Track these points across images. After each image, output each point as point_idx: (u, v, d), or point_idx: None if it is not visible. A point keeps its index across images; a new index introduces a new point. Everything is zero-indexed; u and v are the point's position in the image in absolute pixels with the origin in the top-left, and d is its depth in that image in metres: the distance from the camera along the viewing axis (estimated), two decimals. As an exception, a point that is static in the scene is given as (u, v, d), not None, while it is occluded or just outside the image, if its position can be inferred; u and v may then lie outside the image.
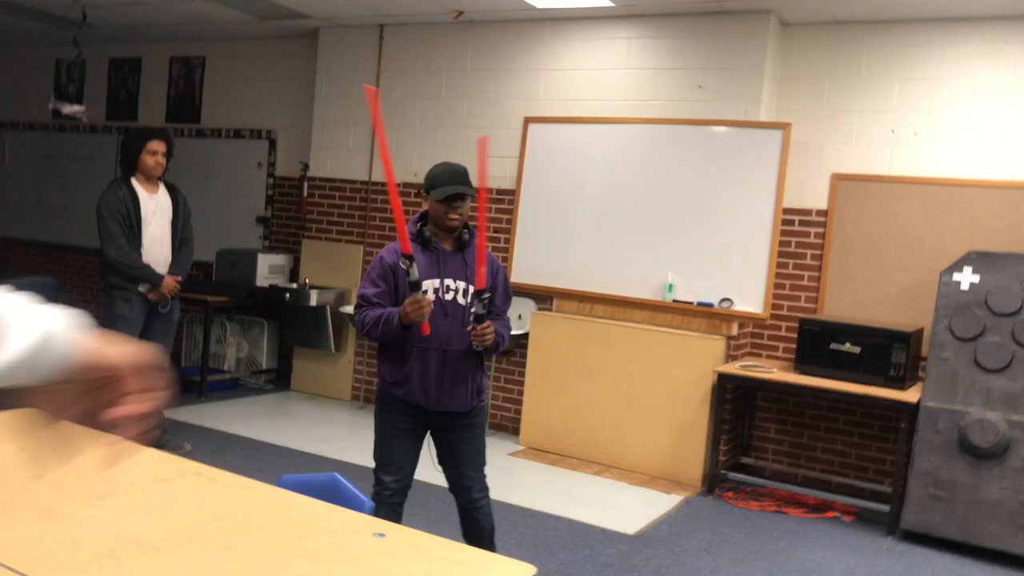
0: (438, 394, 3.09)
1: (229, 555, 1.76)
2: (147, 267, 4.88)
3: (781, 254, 5.45)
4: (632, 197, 5.71)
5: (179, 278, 5.03)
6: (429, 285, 3.01)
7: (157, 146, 4.89)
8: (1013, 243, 4.83)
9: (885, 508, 4.77)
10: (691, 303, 5.47)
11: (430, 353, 3.05)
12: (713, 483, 5.17)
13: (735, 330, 5.36)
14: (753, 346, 5.64)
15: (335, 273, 6.82)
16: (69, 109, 6.34)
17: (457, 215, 3.02)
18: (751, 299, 5.36)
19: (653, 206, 5.64)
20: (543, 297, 6.03)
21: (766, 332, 5.59)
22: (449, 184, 3.00)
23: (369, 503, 2.21)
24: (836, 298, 5.38)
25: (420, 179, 6.39)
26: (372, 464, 3.26)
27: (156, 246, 4.95)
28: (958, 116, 5.07)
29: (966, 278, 4.66)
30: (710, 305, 5.41)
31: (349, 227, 6.86)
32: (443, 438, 3.22)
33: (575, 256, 5.88)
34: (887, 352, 4.78)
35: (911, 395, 4.69)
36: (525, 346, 5.94)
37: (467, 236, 3.11)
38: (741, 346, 5.51)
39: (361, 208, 6.81)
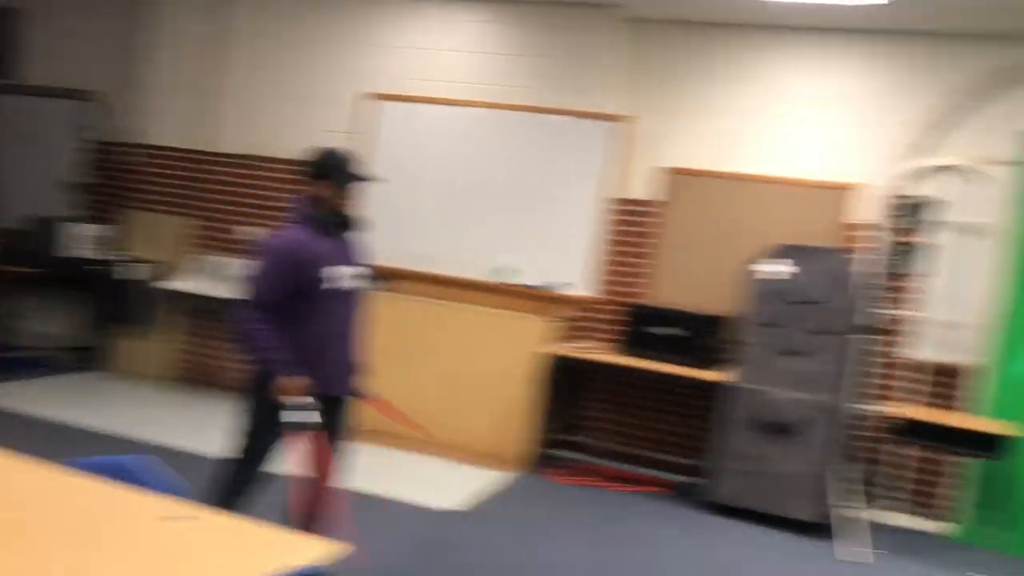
0: (340, 379, 3.11)
1: (3, 542, 1.65)
2: None
3: (615, 241, 5.65)
4: (473, 180, 5.75)
5: None
6: (335, 273, 2.99)
7: None
8: (814, 237, 5.22)
9: (700, 482, 5.07)
10: (525, 285, 5.59)
11: (335, 340, 3.05)
12: (540, 461, 5.32)
13: (566, 312, 5.52)
14: (581, 328, 5.83)
15: (161, 246, 6.47)
16: None
17: (352, 202, 3.06)
18: (582, 283, 5.53)
19: (493, 189, 5.71)
20: (386, 277, 5.97)
21: (594, 314, 5.80)
22: (348, 171, 3.04)
23: (177, 486, 2.13)
24: (664, 284, 5.64)
25: (267, 152, 6.26)
26: (188, 446, 3.14)
27: None
28: (777, 117, 5.42)
29: (773, 268, 5.01)
30: (542, 287, 5.55)
31: (180, 198, 6.53)
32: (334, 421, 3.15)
33: (413, 235, 5.86)
34: (703, 336, 5.07)
35: (723, 376, 5.00)
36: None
37: (352, 221, 3.12)
38: (571, 328, 5.68)
39: (194, 179, 6.49)
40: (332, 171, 3.04)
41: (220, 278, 6.28)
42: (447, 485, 4.84)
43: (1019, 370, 4.76)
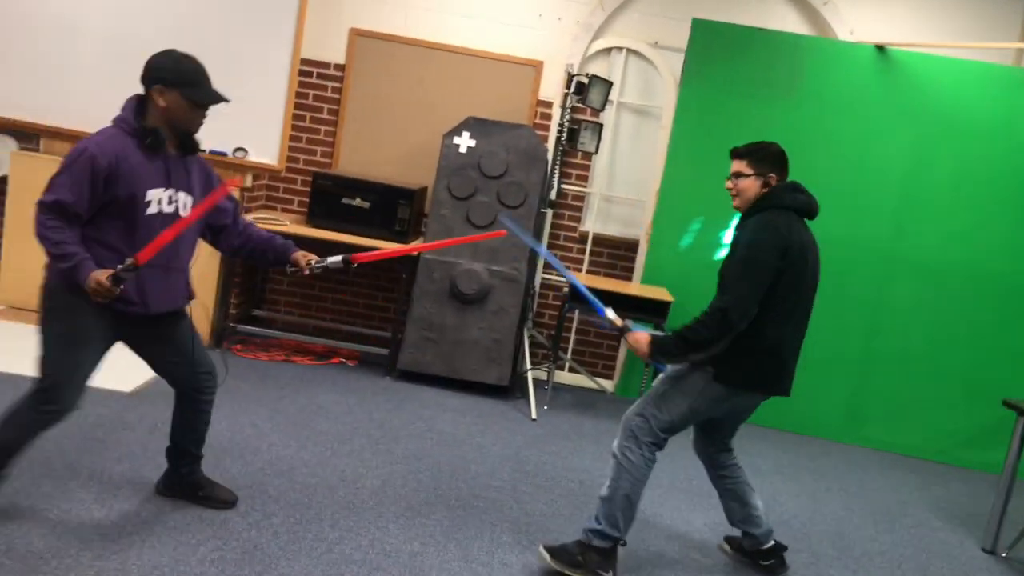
0: (157, 301, 2.78)
1: None
2: None
3: (298, 106, 5.38)
4: (143, 33, 5.09)
5: None
6: (155, 196, 2.65)
7: None
8: (504, 113, 5.35)
9: (385, 352, 5.16)
10: (204, 151, 5.14)
11: (151, 271, 2.67)
12: (222, 336, 5.08)
13: (249, 181, 5.20)
14: (268, 199, 5.56)
15: None
16: None
17: (203, 120, 2.75)
18: (266, 150, 5.21)
19: (165, 43, 5.09)
20: (27, 135, 5.19)
21: (282, 185, 5.54)
22: (206, 86, 2.72)
23: None
24: (350, 153, 5.50)
25: None
26: None
27: None
28: (467, -13, 5.37)
29: (464, 142, 5.08)
30: (224, 154, 5.16)
31: None
32: (159, 337, 2.92)
33: (73, 90, 5.11)
34: (394, 208, 5.05)
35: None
36: (2, 192, 5.10)
37: (198, 144, 2.80)
38: (255, 198, 5.39)
39: None
40: (181, 81, 2.67)
41: None
42: (118, 366, 4.44)
43: (676, 242, 5.32)
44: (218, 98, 2.77)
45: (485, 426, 4.46)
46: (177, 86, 2.68)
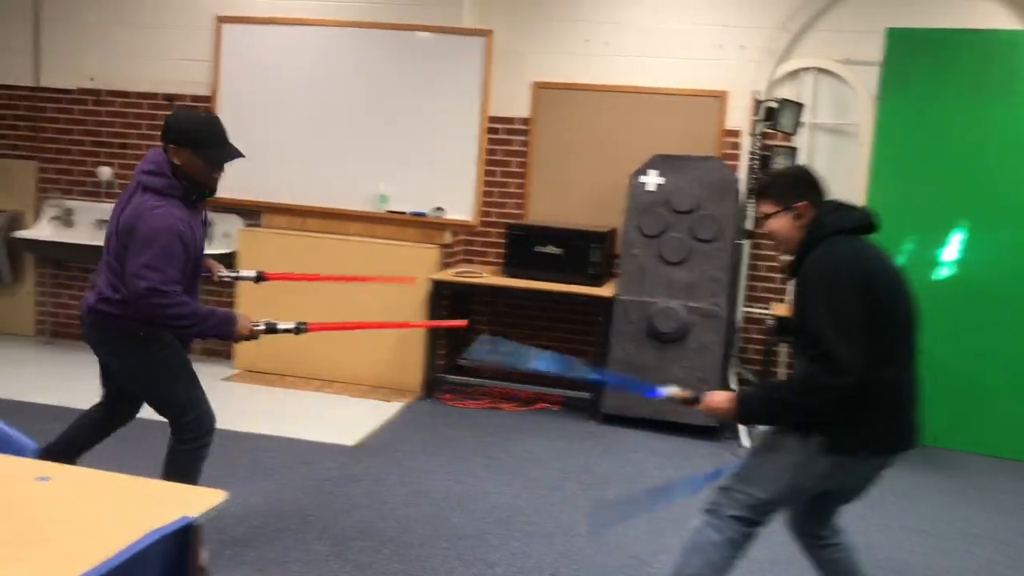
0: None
1: None
2: None
3: (488, 162, 5.56)
4: (340, 105, 5.50)
5: None
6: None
7: None
8: (690, 146, 5.27)
9: (588, 395, 5.16)
10: (404, 213, 5.45)
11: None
12: (432, 387, 5.29)
13: (448, 238, 5.43)
14: (466, 253, 5.76)
15: (4, 194, 5.96)
16: None
17: (220, 176, 2.89)
18: (462, 207, 5.44)
19: (361, 114, 5.49)
20: (251, 212, 5.70)
21: (477, 239, 5.73)
22: (223, 146, 2.83)
23: (31, 445, 1.96)
24: (540, 202, 5.61)
25: (96, 84, 5.80)
26: (55, 402, 2.97)
27: None
28: (643, 27, 5.38)
29: (652, 180, 5.05)
30: (423, 215, 5.43)
31: (16, 140, 6.00)
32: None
33: (284, 168, 5.60)
34: (586, 252, 5.09)
35: (607, 290, 5.06)
36: (232, 265, 5.61)
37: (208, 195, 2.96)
38: (454, 253, 5.61)
39: (29, 118, 5.96)
40: (200, 142, 2.78)
41: (82, 223, 5.85)
42: (340, 419, 4.75)
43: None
44: (228, 157, 2.86)
45: (697, 469, 4.33)
46: (189, 145, 2.77)
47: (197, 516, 1.56)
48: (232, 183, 5.60)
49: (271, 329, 2.90)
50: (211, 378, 5.34)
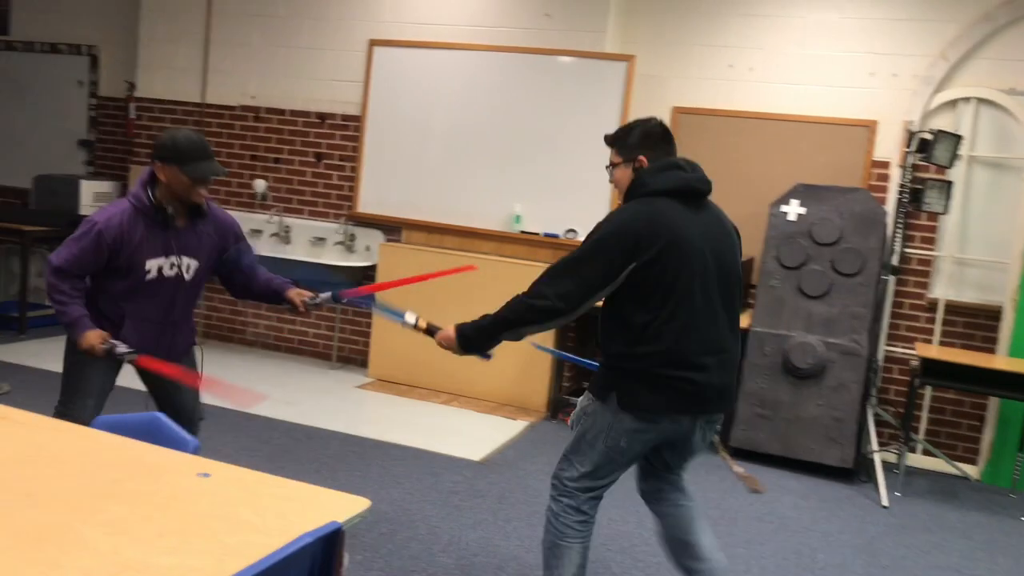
0: (166, 350, 3.02)
1: (31, 502, 1.63)
2: None
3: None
4: (480, 126, 5.64)
5: None
6: (154, 264, 2.90)
7: None
8: (835, 177, 5.11)
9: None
10: (538, 234, 5.52)
11: (146, 324, 2.98)
12: (557, 407, 5.31)
13: (580, 260, 5.44)
14: (597, 276, 5.76)
15: (168, 202, 6.41)
16: None
17: (206, 192, 2.91)
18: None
19: (500, 136, 5.60)
20: (392, 228, 5.91)
21: (610, 262, 5.71)
22: (202, 160, 2.85)
23: (194, 442, 2.11)
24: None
25: (257, 102, 6.18)
26: (206, 401, 3.17)
27: None
28: (790, 54, 5.27)
29: (793, 210, 4.92)
30: (556, 236, 5.48)
31: (183, 153, 6.44)
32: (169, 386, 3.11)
33: (424, 186, 5.78)
34: (721, 280, 4.99)
35: (742, 321, 4.93)
36: (373, 278, 5.83)
37: (204, 208, 2.98)
38: (586, 276, 5.61)
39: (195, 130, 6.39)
40: (180, 158, 2.82)
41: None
42: (467, 434, 4.83)
43: (1043, 308, 4.68)
44: (211, 173, 2.88)
45: (830, 512, 4.17)
46: (175, 162, 2.82)
47: (344, 521, 1.64)
48: (375, 199, 5.89)
49: (109, 351, 2.82)
50: (346, 385, 5.60)
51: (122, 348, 2.84)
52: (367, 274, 5.92)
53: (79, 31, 6.84)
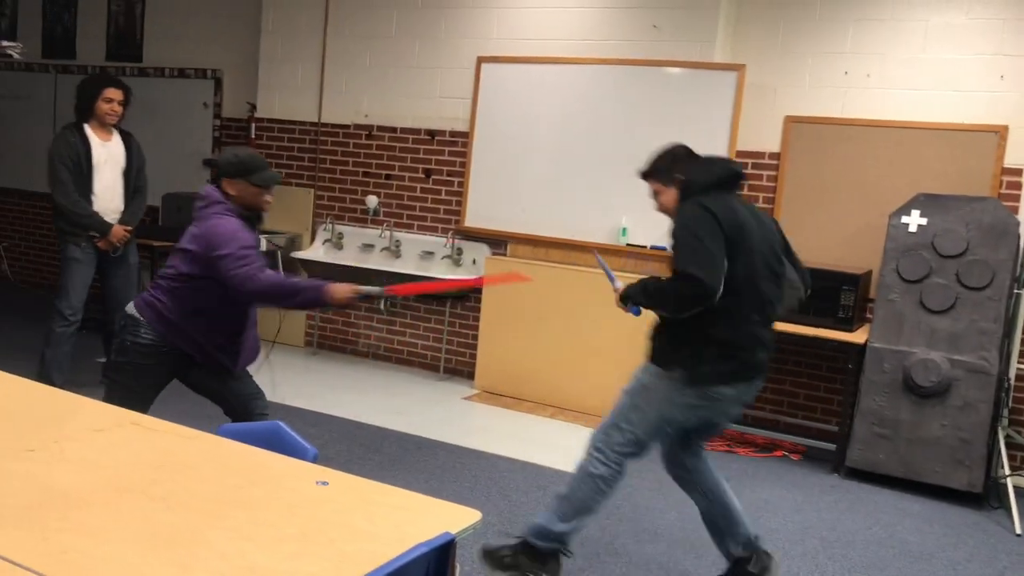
0: (244, 358, 3.33)
1: (163, 506, 1.72)
2: (95, 215, 4.83)
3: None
4: (587, 140, 5.65)
5: (129, 227, 4.98)
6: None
7: (113, 94, 4.84)
8: (960, 186, 4.87)
9: (831, 447, 4.88)
10: (644, 247, 5.47)
11: (252, 325, 3.29)
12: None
13: (688, 273, 5.37)
14: (706, 289, 5.66)
15: (286, 218, 6.68)
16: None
17: (272, 198, 3.20)
18: (704, 242, 5.35)
19: (607, 149, 5.59)
20: (497, 242, 5.98)
21: (719, 275, 5.60)
22: (265, 170, 3.15)
23: (313, 451, 2.18)
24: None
25: (370, 120, 6.37)
26: (320, 409, 3.31)
27: (107, 194, 4.90)
28: (910, 58, 5.06)
29: (914, 220, 4.71)
30: (663, 249, 5.41)
31: (299, 170, 6.71)
32: (224, 377, 3.31)
33: (530, 200, 5.82)
34: (836, 294, 4.83)
35: (859, 336, 4.76)
36: (479, 291, 5.90)
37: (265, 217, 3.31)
38: (694, 289, 5.53)
39: (311, 150, 6.65)
40: (246, 170, 3.11)
41: (348, 247, 6.43)
42: (574, 447, 4.81)
43: None
44: (275, 179, 3.17)
45: (957, 539, 3.95)
46: (241, 175, 3.10)
47: (457, 533, 1.66)
48: (482, 214, 5.97)
49: (365, 295, 3.17)
50: (453, 396, 5.68)
51: (368, 288, 3.12)
52: (474, 287, 6.00)
53: (205, 56, 7.22)
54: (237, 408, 3.30)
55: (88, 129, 4.84)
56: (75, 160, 4.75)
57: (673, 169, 2.96)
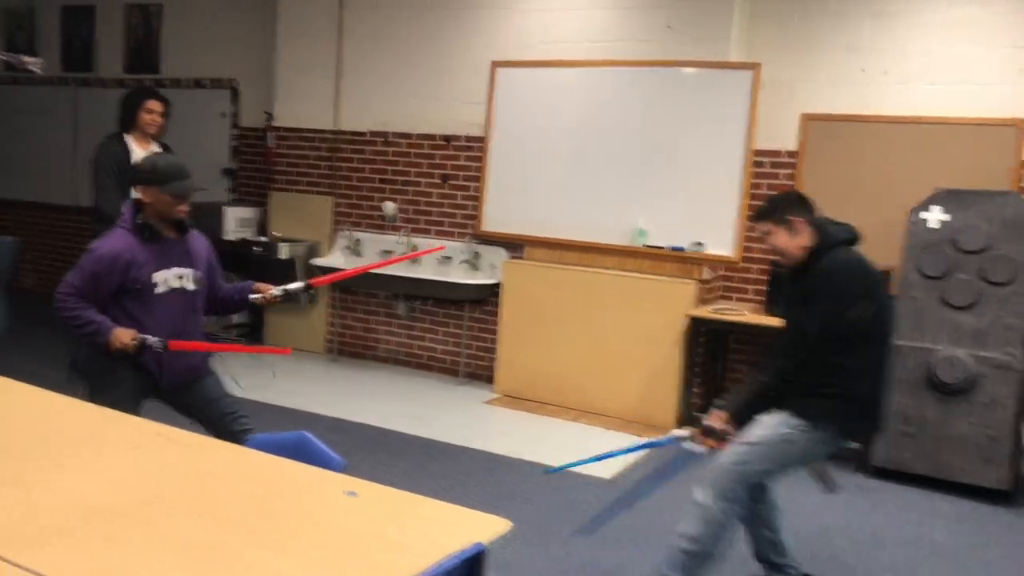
0: (171, 372, 3.18)
1: (196, 520, 1.73)
2: None
3: (752, 196, 5.41)
4: (602, 142, 5.64)
5: None
6: (160, 277, 3.11)
7: (154, 105, 5.06)
8: (981, 181, 4.82)
9: (855, 445, 4.84)
10: (662, 248, 5.45)
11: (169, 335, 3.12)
12: (687, 425, 5.21)
13: (706, 274, 5.36)
14: (725, 289, 5.65)
15: (304, 225, 6.71)
16: (19, 61, 6.12)
17: (187, 208, 3.15)
18: (722, 242, 5.35)
19: (622, 150, 5.58)
20: (514, 245, 5.98)
21: (737, 275, 5.59)
22: (180, 179, 3.10)
23: (340, 461, 2.19)
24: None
25: (386, 127, 6.39)
26: (342, 415, 3.31)
27: None
28: (929, 52, 5.02)
29: (935, 216, 4.67)
30: (681, 249, 5.40)
31: (318, 178, 6.74)
32: (189, 398, 3.26)
33: (545, 203, 5.82)
34: (857, 292, 4.79)
35: (881, 334, 4.72)
36: (498, 295, 5.91)
37: (187, 224, 3.23)
38: (712, 289, 5.52)
39: (328, 158, 6.68)
40: (159, 179, 3.07)
41: (367, 253, 6.46)
42: (596, 451, 4.81)
43: None
44: (187, 190, 3.10)
45: (988, 538, 3.91)
46: (154, 183, 3.08)
47: (488, 542, 1.66)
48: (498, 218, 5.98)
49: (141, 344, 3.01)
50: (473, 400, 5.69)
51: (151, 339, 3.02)
52: (492, 291, 6.01)
53: (222, 66, 7.27)
54: (219, 428, 3.24)
55: (129, 139, 5.02)
56: (118, 168, 4.91)
57: (786, 211, 3.05)
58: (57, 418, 2.36)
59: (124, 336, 3.00)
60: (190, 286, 3.21)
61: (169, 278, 3.15)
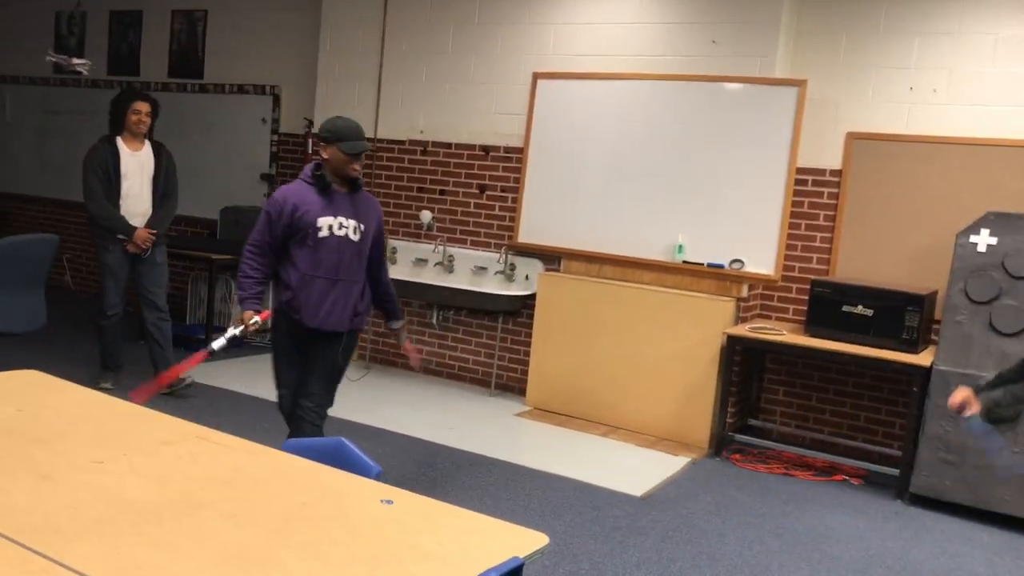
0: (318, 314, 3.47)
1: (233, 523, 1.72)
2: (120, 218, 5.18)
3: (793, 215, 5.35)
4: (642, 156, 5.60)
5: (153, 231, 5.26)
6: (324, 223, 3.40)
7: (141, 106, 5.24)
8: (1032, 204, 4.72)
9: (894, 472, 4.74)
10: (701, 264, 5.39)
11: (316, 281, 3.44)
12: (720, 445, 5.14)
13: (745, 292, 5.28)
14: (763, 308, 5.57)
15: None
16: (69, 63, 6.23)
17: (359, 166, 3.47)
18: (762, 260, 5.27)
19: (663, 165, 5.54)
20: (551, 258, 5.95)
21: (776, 294, 5.51)
22: (356, 140, 3.40)
23: (376, 468, 2.17)
24: (849, 260, 5.29)
25: (426, 136, 6.40)
26: (374, 423, 3.32)
27: (133, 200, 5.24)
28: (979, 72, 4.93)
29: (983, 240, 4.57)
30: (720, 266, 5.33)
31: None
32: (314, 352, 3.57)
33: (584, 216, 5.79)
34: (900, 315, 4.70)
35: (924, 358, 4.63)
36: (532, 307, 5.88)
37: (360, 182, 3.55)
38: (751, 308, 5.44)
39: (366, 166, 6.71)
40: (337, 137, 3.36)
41: (403, 261, 6.46)
42: (628, 467, 4.76)
43: None
44: (360, 149, 3.39)
45: (1031, 571, 3.80)
46: (332, 142, 3.37)
47: (525, 557, 1.63)
48: (535, 229, 5.95)
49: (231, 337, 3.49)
50: (504, 412, 5.65)
51: (231, 334, 3.47)
52: (526, 303, 5.98)
53: (264, 73, 7.34)
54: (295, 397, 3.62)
55: (120, 141, 5.23)
56: (104, 169, 5.14)
57: None
58: (97, 414, 2.36)
59: (246, 317, 3.45)
60: (353, 236, 3.46)
61: (332, 223, 3.41)
